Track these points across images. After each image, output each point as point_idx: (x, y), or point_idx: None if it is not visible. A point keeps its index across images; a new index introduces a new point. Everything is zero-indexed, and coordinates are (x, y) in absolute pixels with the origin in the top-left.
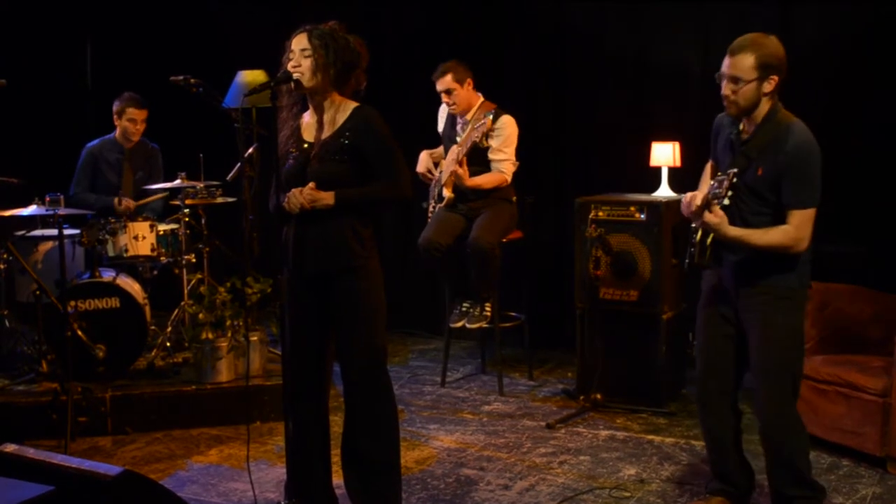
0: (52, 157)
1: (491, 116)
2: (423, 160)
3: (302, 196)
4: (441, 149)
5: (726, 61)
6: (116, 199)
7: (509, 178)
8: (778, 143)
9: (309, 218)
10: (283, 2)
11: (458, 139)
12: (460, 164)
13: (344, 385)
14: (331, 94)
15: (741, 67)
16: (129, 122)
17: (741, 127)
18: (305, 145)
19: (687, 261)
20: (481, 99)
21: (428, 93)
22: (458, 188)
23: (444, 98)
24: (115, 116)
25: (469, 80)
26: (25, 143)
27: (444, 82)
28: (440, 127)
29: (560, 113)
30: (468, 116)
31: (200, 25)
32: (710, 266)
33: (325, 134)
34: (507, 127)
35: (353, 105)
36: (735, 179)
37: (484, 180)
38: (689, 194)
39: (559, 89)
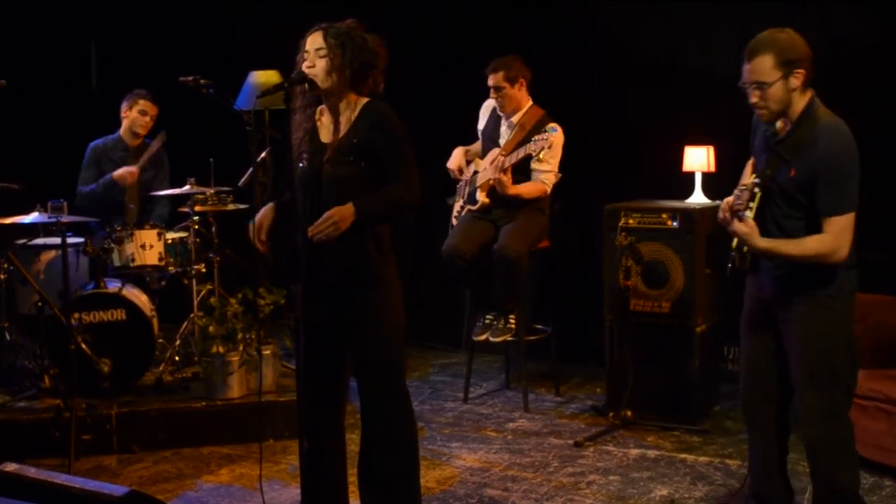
0: (54, 161)
1: (555, 133)
2: (457, 157)
3: (325, 228)
4: (477, 146)
5: (745, 68)
6: (116, 172)
7: (549, 191)
8: (812, 144)
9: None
10: None
11: (501, 141)
12: (504, 171)
13: (360, 402)
14: (347, 95)
15: (761, 71)
16: (141, 113)
17: (778, 125)
18: (320, 148)
19: (729, 265)
20: (530, 102)
21: (449, 91)
22: (493, 194)
23: (492, 93)
24: (123, 110)
25: (522, 80)
26: (26, 147)
27: (495, 79)
28: (481, 124)
29: (587, 116)
30: (514, 119)
31: (211, 23)
32: (750, 271)
33: (339, 135)
34: (555, 138)
35: (364, 101)
36: (757, 190)
37: (525, 189)
38: (727, 199)
39: (586, 91)
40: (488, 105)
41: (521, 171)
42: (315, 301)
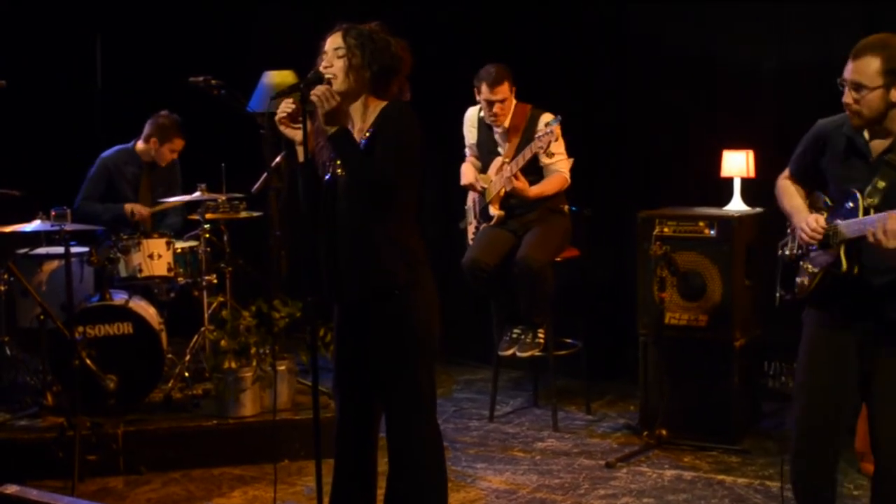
0: (57, 166)
1: (556, 125)
2: (470, 172)
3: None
4: (474, 161)
5: (848, 66)
6: (128, 207)
7: (569, 177)
8: None
9: (342, 228)
10: None
11: (501, 150)
12: (515, 177)
13: (386, 424)
14: (366, 99)
15: (865, 73)
16: (171, 151)
17: (866, 136)
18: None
19: (781, 293)
20: (514, 101)
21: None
22: (507, 205)
23: (496, 108)
24: (152, 138)
25: (514, 86)
26: (28, 151)
27: (501, 91)
28: (471, 138)
29: (619, 118)
30: (506, 124)
31: (222, 20)
32: (821, 303)
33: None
34: (558, 129)
35: (383, 104)
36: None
37: (546, 187)
38: (811, 217)
39: (618, 92)
40: (471, 116)
41: (533, 171)
42: (338, 314)
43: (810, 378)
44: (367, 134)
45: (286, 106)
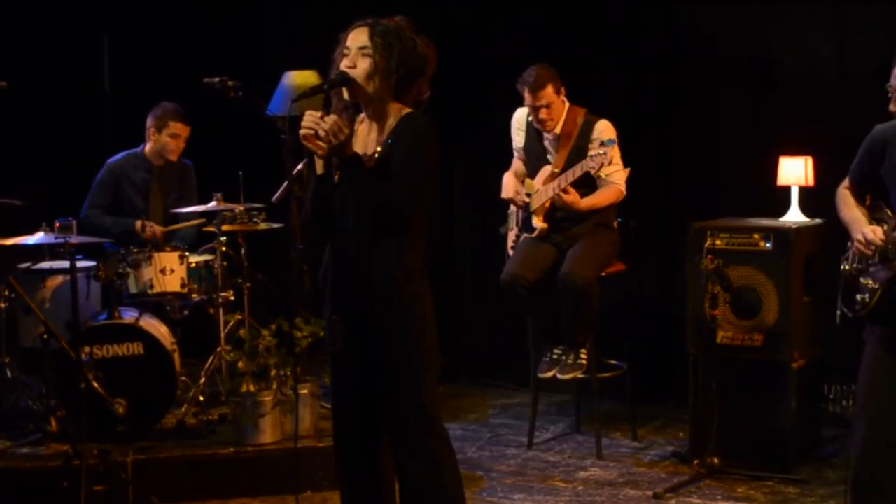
0: (62, 173)
1: (612, 147)
2: (511, 184)
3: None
4: (520, 165)
5: (895, 72)
6: (139, 223)
7: (625, 189)
8: None
9: (347, 245)
10: None
11: (551, 157)
12: (564, 191)
13: (394, 443)
14: (388, 104)
15: None
16: (172, 137)
17: None
18: None
19: (843, 311)
20: (567, 104)
21: (515, 100)
22: (551, 217)
23: (541, 114)
24: (150, 129)
25: (563, 87)
26: (31, 158)
27: (545, 95)
28: (518, 141)
29: (668, 123)
30: (557, 129)
31: (238, 17)
32: (884, 321)
33: (370, 150)
34: (607, 132)
35: (406, 112)
36: None
37: (599, 199)
38: (868, 229)
39: (666, 95)
40: (520, 118)
41: (583, 183)
42: (345, 330)
43: (870, 407)
44: (384, 145)
45: (312, 121)
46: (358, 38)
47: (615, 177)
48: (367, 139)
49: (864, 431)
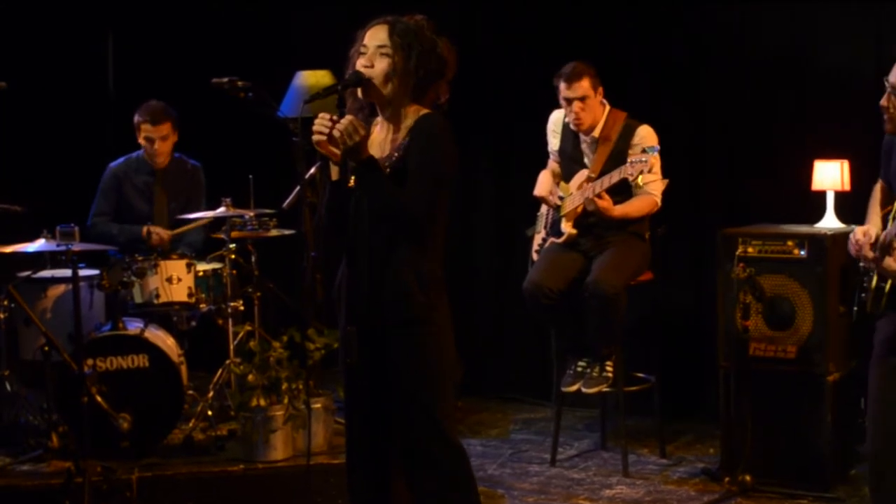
0: (64, 178)
1: (654, 155)
2: (546, 182)
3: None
4: (556, 165)
5: (894, 70)
6: (144, 229)
7: (660, 201)
8: None
9: (361, 252)
10: None
11: (587, 161)
12: (599, 196)
13: (407, 463)
14: (405, 107)
15: None
16: (146, 140)
17: None
18: None
19: (855, 309)
20: (607, 107)
21: (537, 103)
22: (581, 223)
23: (575, 106)
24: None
25: (601, 87)
26: (32, 161)
27: (580, 88)
28: (554, 143)
29: (697, 126)
30: (595, 133)
31: (248, 15)
32: (885, 314)
33: (385, 154)
34: (649, 139)
35: (423, 112)
36: None
37: (631, 208)
38: (859, 229)
39: (696, 97)
40: (556, 119)
41: (618, 190)
42: (358, 342)
43: (878, 412)
44: (400, 148)
45: (324, 125)
46: (377, 35)
47: (652, 187)
48: (383, 142)
49: (874, 432)
